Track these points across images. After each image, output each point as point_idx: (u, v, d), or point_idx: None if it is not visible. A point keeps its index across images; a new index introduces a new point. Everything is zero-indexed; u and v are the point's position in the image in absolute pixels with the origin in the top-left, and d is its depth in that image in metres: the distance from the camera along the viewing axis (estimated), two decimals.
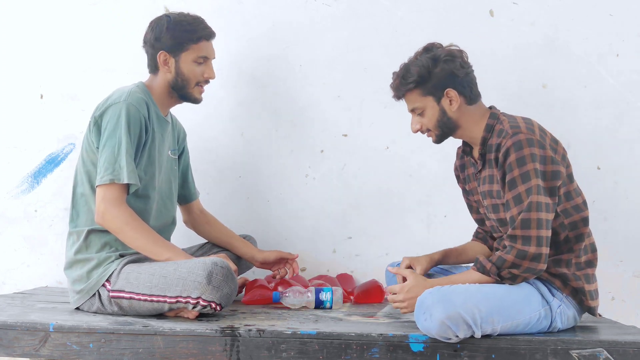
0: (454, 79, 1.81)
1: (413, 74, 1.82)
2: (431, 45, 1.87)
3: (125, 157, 1.84)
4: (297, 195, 2.51)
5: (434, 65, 1.81)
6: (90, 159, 1.94)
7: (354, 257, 2.49)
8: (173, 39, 1.99)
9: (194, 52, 2.01)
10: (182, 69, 2.01)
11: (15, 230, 2.56)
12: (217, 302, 1.77)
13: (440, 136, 1.89)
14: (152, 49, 2.03)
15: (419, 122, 1.89)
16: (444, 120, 1.84)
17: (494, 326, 1.62)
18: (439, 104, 1.83)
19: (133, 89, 1.95)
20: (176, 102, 2.10)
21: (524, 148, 1.68)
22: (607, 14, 2.41)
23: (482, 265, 1.72)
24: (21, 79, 2.57)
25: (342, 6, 2.49)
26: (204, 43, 2.04)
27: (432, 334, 1.59)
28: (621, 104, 2.41)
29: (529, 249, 1.65)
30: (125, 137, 1.85)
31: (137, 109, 1.90)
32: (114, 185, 1.84)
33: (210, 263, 1.77)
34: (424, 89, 1.83)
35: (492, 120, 1.82)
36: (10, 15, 2.58)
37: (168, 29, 2.00)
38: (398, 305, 1.79)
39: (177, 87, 2.03)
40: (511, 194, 1.70)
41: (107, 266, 1.87)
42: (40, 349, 1.70)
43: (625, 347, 1.61)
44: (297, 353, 1.64)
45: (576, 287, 1.74)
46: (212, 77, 2.07)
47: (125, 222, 1.84)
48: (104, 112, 1.90)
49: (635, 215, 2.39)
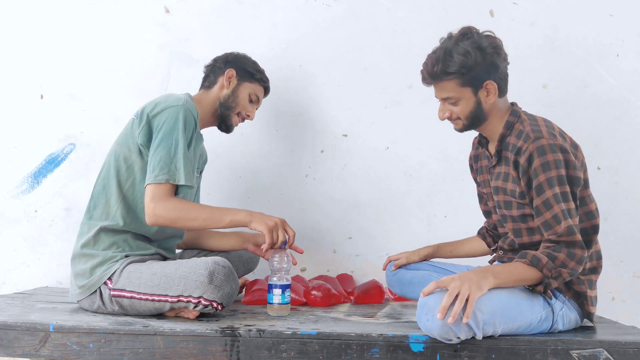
0: (496, 71, 1.74)
1: (456, 62, 1.71)
2: (468, 30, 1.74)
3: (182, 159, 1.87)
4: (297, 195, 2.51)
5: (480, 56, 1.71)
6: (124, 154, 1.95)
7: (354, 257, 2.49)
8: (247, 67, 2.16)
9: (254, 88, 2.17)
10: (238, 92, 2.14)
11: (15, 230, 2.56)
12: (219, 301, 1.77)
13: (467, 127, 1.83)
14: (224, 65, 2.15)
15: (449, 110, 1.81)
16: (478, 111, 1.78)
17: (495, 328, 1.61)
18: (476, 95, 1.76)
19: (186, 97, 2.00)
20: (210, 123, 2.18)
21: (548, 154, 1.66)
22: (607, 14, 2.41)
23: (537, 259, 1.64)
24: (21, 79, 2.57)
25: (342, 6, 2.50)
26: (263, 90, 2.22)
27: (433, 334, 1.59)
28: (621, 104, 2.41)
29: (577, 251, 1.63)
30: (182, 139, 1.88)
31: (193, 116, 1.95)
32: (164, 185, 1.85)
33: (211, 262, 1.77)
34: (464, 80, 1.73)
35: (513, 118, 1.79)
36: (11, 16, 2.58)
37: (245, 59, 2.19)
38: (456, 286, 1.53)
39: (225, 106, 2.14)
40: (540, 200, 1.67)
41: (111, 265, 1.88)
42: (40, 349, 1.70)
43: (625, 347, 1.61)
44: (297, 353, 1.64)
45: (578, 291, 1.74)
46: (251, 118, 2.20)
47: (179, 209, 1.85)
48: (160, 113, 1.92)
49: (635, 215, 2.39)
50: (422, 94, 2.46)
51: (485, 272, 1.61)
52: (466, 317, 1.52)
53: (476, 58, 1.71)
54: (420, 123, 2.46)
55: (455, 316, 1.50)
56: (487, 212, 2.02)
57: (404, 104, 2.49)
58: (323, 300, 2.12)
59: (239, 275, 2.27)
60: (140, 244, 1.95)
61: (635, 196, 2.40)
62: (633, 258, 2.39)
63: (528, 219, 1.76)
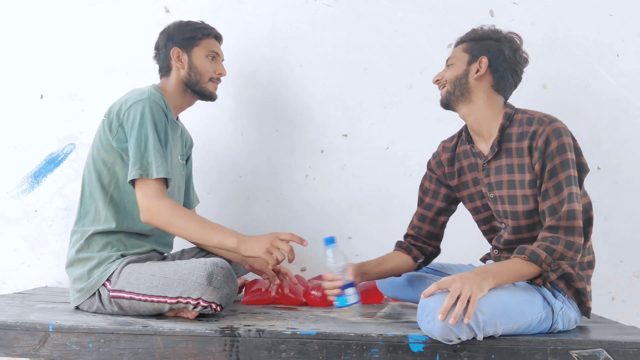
0: (497, 57, 1.81)
1: (479, 32, 1.85)
2: (514, 37, 1.85)
3: (152, 153, 1.85)
4: (297, 195, 2.51)
5: (494, 34, 1.82)
6: (102, 157, 1.94)
7: (354, 257, 2.49)
8: (184, 35, 2.06)
9: (205, 47, 2.07)
10: (195, 63, 2.06)
11: (15, 230, 2.56)
12: (218, 302, 1.77)
13: (450, 94, 1.84)
14: (165, 48, 2.07)
15: (442, 75, 1.87)
16: (462, 81, 1.82)
17: (496, 328, 1.61)
18: (467, 65, 1.82)
19: (152, 89, 1.97)
20: (189, 103, 2.12)
21: (563, 136, 1.68)
22: (607, 14, 2.41)
23: (536, 255, 1.64)
24: (21, 79, 2.58)
25: (342, 6, 2.50)
26: (213, 40, 2.11)
27: (435, 336, 1.58)
28: (621, 104, 2.41)
29: (575, 239, 1.64)
30: (152, 133, 1.86)
31: (160, 107, 1.92)
32: (149, 181, 1.84)
33: (210, 264, 1.77)
34: (470, 46, 1.84)
35: (511, 110, 1.81)
36: (11, 16, 2.58)
37: (179, 28, 2.07)
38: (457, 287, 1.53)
39: (191, 82, 2.06)
40: (551, 183, 1.67)
41: (108, 266, 1.87)
42: (40, 349, 1.70)
43: (625, 347, 1.61)
44: (296, 353, 1.64)
45: (579, 288, 1.74)
46: (224, 74, 2.12)
47: (171, 213, 1.83)
48: (127, 112, 1.91)
49: (635, 215, 2.39)
50: (422, 94, 2.46)
51: (485, 272, 1.61)
52: (467, 318, 1.51)
53: (491, 34, 1.83)
54: (420, 123, 2.46)
55: (456, 317, 1.50)
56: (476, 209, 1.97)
57: (403, 104, 2.48)
58: (323, 300, 2.12)
59: (239, 275, 2.26)
60: (134, 242, 1.95)
61: (635, 196, 2.40)
62: (633, 258, 2.39)
63: (533, 215, 1.75)
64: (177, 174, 2.10)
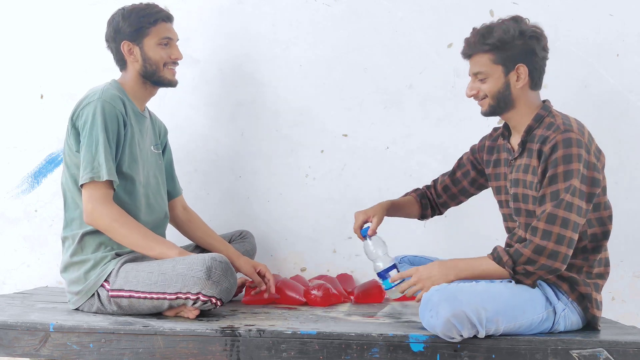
0: (532, 57, 1.75)
1: (495, 36, 1.74)
2: (519, 17, 1.78)
3: (103, 155, 1.84)
4: (297, 195, 2.51)
5: (519, 37, 1.74)
6: (74, 162, 1.93)
7: (354, 257, 2.49)
8: (131, 27, 2.00)
9: (155, 35, 2.01)
10: (147, 54, 2.01)
11: (15, 230, 2.56)
12: (217, 297, 1.77)
13: (493, 108, 1.81)
14: (115, 42, 2.03)
15: (476, 88, 1.81)
16: (505, 94, 1.78)
17: (497, 326, 1.61)
18: (505, 77, 1.77)
19: (106, 87, 1.96)
20: (151, 93, 2.09)
21: (573, 147, 1.66)
22: (607, 14, 2.41)
23: (499, 257, 1.67)
24: (21, 79, 2.57)
25: (342, 6, 2.49)
26: (163, 25, 2.04)
27: (436, 331, 1.59)
28: (621, 104, 2.41)
29: (547, 244, 1.62)
30: (102, 134, 1.85)
31: (112, 105, 1.90)
32: (98, 183, 1.84)
33: (209, 258, 1.77)
34: (498, 56, 1.75)
35: (544, 112, 1.78)
36: (11, 16, 2.58)
37: (124, 19, 2.01)
38: (410, 285, 1.77)
39: (148, 74, 2.03)
40: (549, 189, 1.66)
41: (105, 266, 1.87)
42: (41, 349, 1.70)
43: (625, 347, 1.61)
44: (297, 353, 1.64)
45: (584, 293, 1.73)
46: (180, 58, 2.06)
47: (114, 219, 1.84)
48: (79, 113, 1.91)
49: (635, 215, 2.39)
50: (422, 94, 2.46)
51: (449, 268, 1.72)
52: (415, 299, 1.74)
53: (514, 37, 1.74)
54: (420, 123, 2.46)
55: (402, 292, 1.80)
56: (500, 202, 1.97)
57: (404, 104, 2.48)
58: (323, 300, 2.12)
59: None
60: None
61: (635, 196, 2.40)
62: (633, 258, 2.39)
63: None
64: (152, 164, 2.08)
